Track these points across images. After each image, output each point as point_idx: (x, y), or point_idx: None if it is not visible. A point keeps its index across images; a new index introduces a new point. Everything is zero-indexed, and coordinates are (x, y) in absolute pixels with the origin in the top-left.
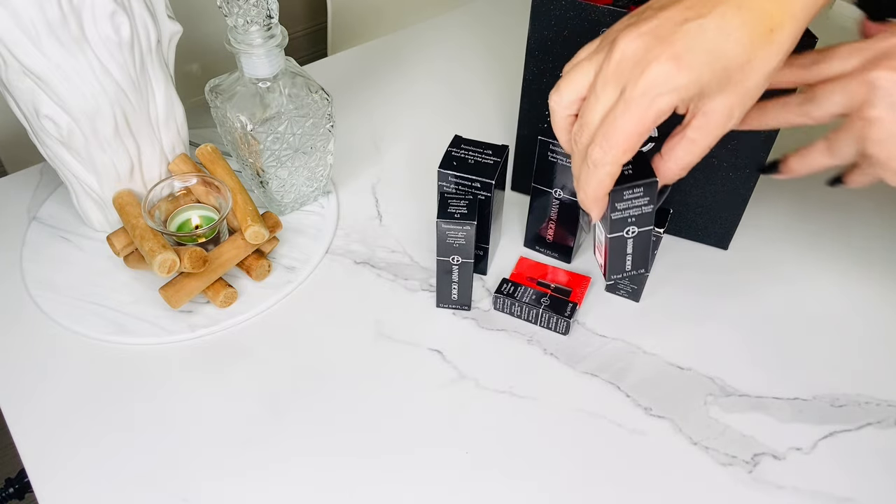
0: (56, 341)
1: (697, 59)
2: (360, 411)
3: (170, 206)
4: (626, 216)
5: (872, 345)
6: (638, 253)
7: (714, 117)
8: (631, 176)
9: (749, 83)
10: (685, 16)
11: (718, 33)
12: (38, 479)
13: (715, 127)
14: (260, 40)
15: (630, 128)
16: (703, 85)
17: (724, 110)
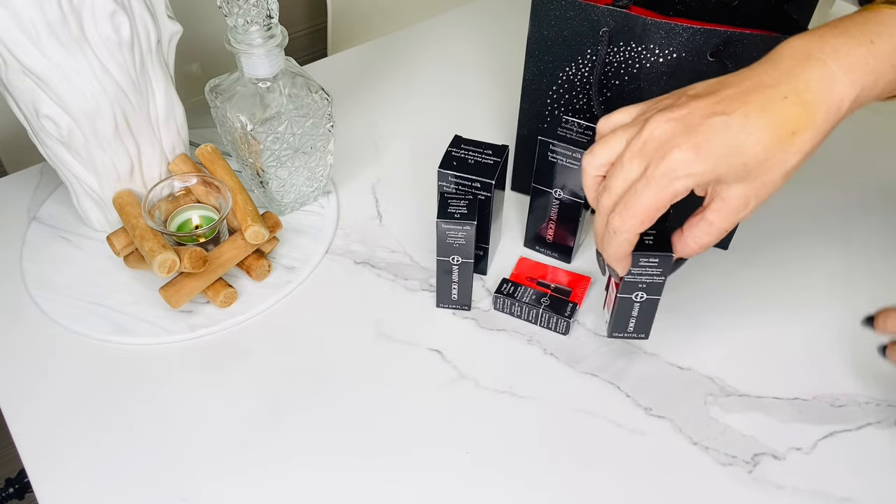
0: (56, 341)
1: (716, 151)
2: (360, 411)
3: (170, 206)
4: (638, 281)
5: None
6: (642, 318)
7: (731, 203)
8: (650, 246)
9: (766, 178)
10: (713, 109)
11: (741, 130)
12: (38, 479)
13: (731, 212)
14: (260, 40)
15: (647, 203)
16: (719, 174)
17: (740, 198)
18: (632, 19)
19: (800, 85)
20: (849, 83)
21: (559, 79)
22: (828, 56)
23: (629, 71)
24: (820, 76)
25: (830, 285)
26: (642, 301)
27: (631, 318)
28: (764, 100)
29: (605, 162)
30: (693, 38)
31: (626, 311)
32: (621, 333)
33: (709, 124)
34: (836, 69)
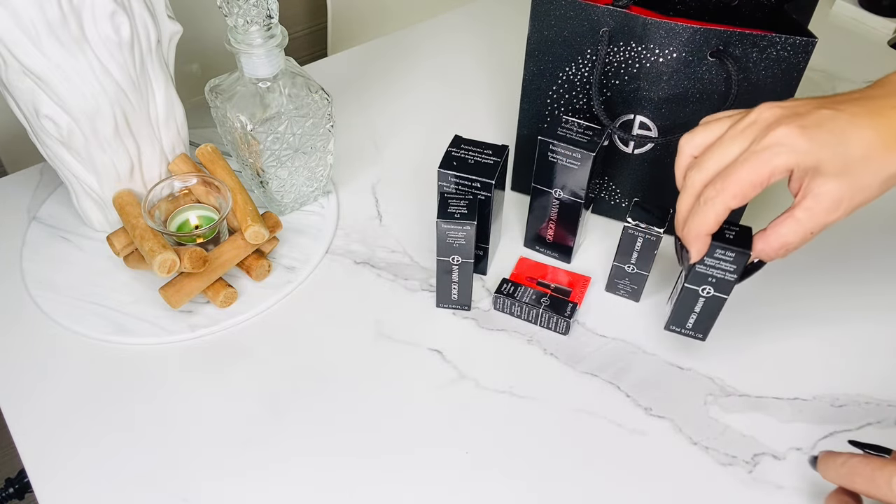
0: (56, 341)
1: (822, 135)
2: (360, 411)
3: (170, 206)
4: (709, 273)
5: (872, 345)
6: (704, 315)
7: (823, 201)
8: (730, 239)
9: (864, 180)
10: (823, 104)
11: (848, 124)
12: (38, 479)
13: (822, 211)
14: (260, 40)
15: (746, 175)
16: (820, 159)
17: (834, 196)
18: (632, 19)
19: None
20: None
21: (559, 79)
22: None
23: (629, 71)
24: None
25: (831, 285)
26: (708, 297)
27: (692, 314)
28: (874, 106)
29: (704, 143)
30: (693, 37)
31: (690, 305)
32: (679, 328)
33: (817, 113)
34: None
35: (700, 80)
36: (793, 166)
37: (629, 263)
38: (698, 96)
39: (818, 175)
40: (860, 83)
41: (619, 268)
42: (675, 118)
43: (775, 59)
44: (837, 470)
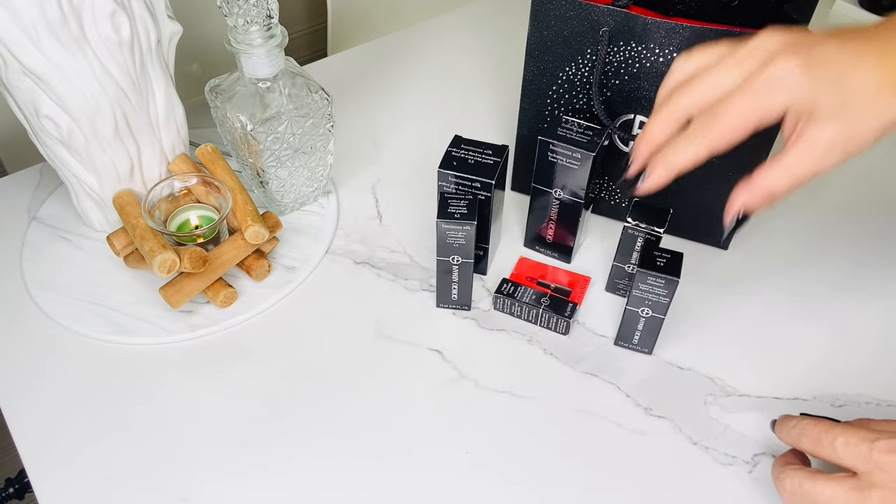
0: (56, 341)
1: (823, 72)
2: (360, 411)
3: (170, 206)
4: (645, 298)
5: (872, 345)
6: (646, 333)
7: (817, 146)
8: (661, 267)
9: (862, 125)
10: (831, 36)
11: (849, 64)
12: (38, 479)
13: (813, 158)
14: (260, 40)
15: (738, 111)
16: (818, 99)
17: (828, 141)
18: (632, 19)
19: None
20: None
21: (559, 79)
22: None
23: (629, 70)
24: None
25: (831, 285)
26: (647, 317)
27: (636, 331)
28: (883, 47)
29: (700, 66)
30: (694, 37)
31: (632, 324)
32: (626, 344)
33: (821, 48)
34: None
35: None
36: (788, 106)
37: (629, 263)
38: None
39: (813, 118)
40: None
41: (619, 268)
42: None
43: None
44: (789, 431)
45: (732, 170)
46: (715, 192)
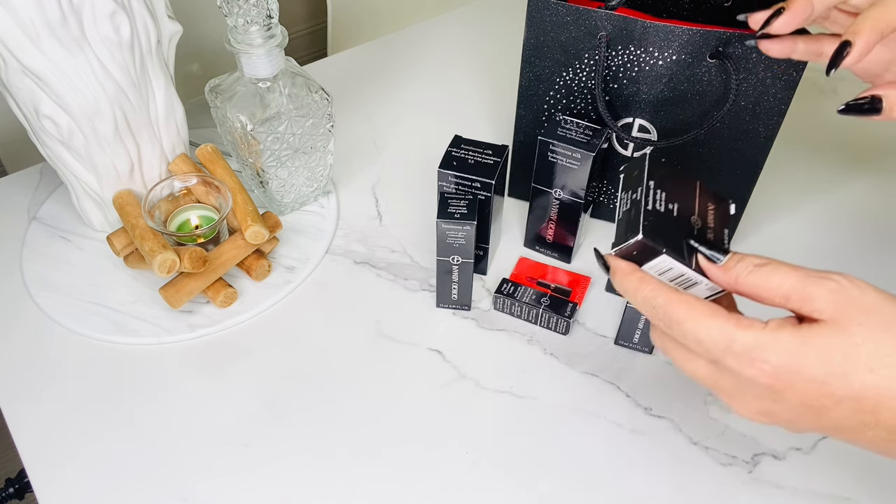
0: (56, 341)
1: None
2: (360, 411)
3: (170, 206)
4: None
5: None
6: (647, 332)
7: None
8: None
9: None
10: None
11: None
12: (38, 479)
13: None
14: (260, 40)
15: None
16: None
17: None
18: (630, 23)
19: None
20: None
21: (556, 84)
22: None
23: (628, 74)
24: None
25: None
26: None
27: (637, 330)
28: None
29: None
30: (692, 39)
31: (633, 322)
32: (627, 343)
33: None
34: None
35: (699, 81)
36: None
37: None
38: (698, 98)
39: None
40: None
41: None
42: (674, 120)
43: (774, 60)
44: (633, 297)
45: (732, 171)
46: None
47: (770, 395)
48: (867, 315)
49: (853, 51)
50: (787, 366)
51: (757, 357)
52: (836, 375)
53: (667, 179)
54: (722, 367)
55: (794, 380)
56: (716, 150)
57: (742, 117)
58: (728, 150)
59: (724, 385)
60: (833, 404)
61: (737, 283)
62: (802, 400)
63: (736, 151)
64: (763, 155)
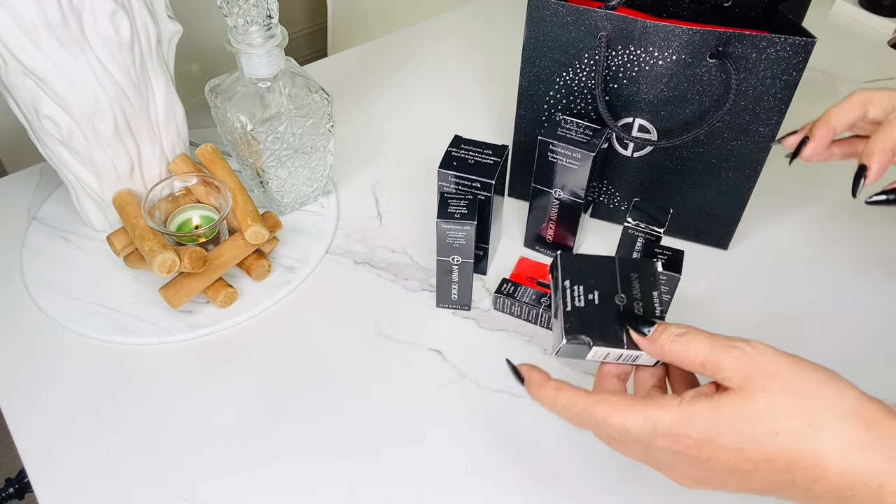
0: (56, 341)
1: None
2: (360, 411)
3: (170, 206)
4: None
5: (873, 345)
6: None
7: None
8: (663, 264)
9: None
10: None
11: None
12: (38, 479)
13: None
14: (260, 40)
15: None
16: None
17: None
18: (630, 23)
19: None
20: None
21: (556, 84)
22: None
23: (628, 74)
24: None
25: (831, 285)
26: None
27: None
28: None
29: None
30: (692, 39)
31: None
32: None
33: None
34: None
35: (699, 81)
36: None
37: None
38: (697, 98)
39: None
40: (860, 83)
41: None
42: (674, 120)
43: (774, 60)
44: (552, 407)
45: (732, 171)
46: (715, 193)
47: (699, 465)
48: (769, 380)
49: (870, 173)
50: (706, 437)
51: (679, 433)
52: (748, 441)
53: (583, 271)
54: (653, 448)
55: (715, 450)
56: (716, 150)
57: (742, 117)
58: (728, 150)
59: (659, 461)
60: (753, 468)
61: (663, 353)
62: (726, 466)
63: (736, 151)
64: (763, 154)
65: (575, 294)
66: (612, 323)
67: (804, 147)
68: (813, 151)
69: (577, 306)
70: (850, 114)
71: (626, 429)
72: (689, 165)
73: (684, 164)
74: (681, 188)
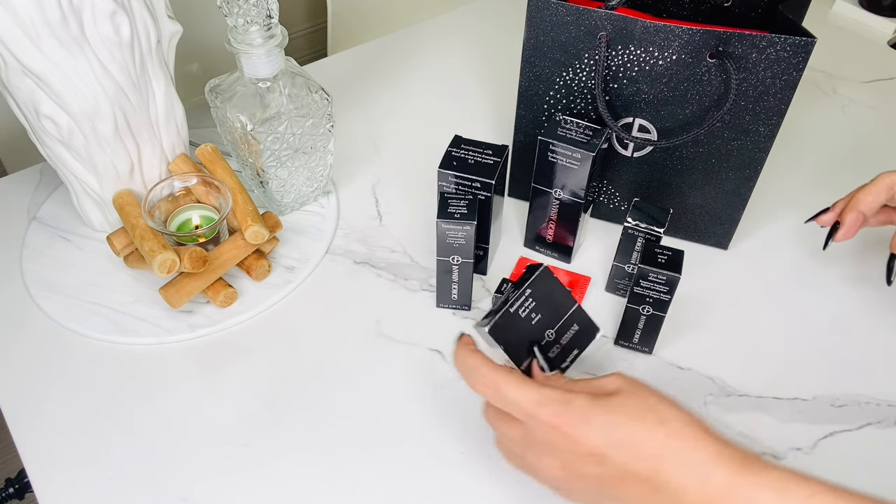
0: (56, 341)
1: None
2: (359, 411)
3: (170, 206)
4: (646, 295)
5: (872, 345)
6: (647, 331)
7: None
8: (663, 264)
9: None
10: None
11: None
12: (38, 479)
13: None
14: (260, 40)
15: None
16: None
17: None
18: (630, 23)
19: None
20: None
21: (556, 84)
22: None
23: (628, 74)
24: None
25: (831, 285)
26: (648, 315)
27: (637, 330)
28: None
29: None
30: (692, 39)
31: (633, 322)
32: (627, 343)
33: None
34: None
35: (699, 81)
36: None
37: (629, 263)
38: (697, 98)
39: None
40: (860, 83)
41: (619, 268)
42: (674, 120)
43: (774, 60)
44: (467, 373)
45: (732, 171)
46: (715, 193)
47: (568, 445)
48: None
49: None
50: (582, 412)
51: (561, 405)
52: (615, 427)
53: (547, 294)
54: (534, 422)
55: (589, 430)
56: (716, 150)
57: (742, 117)
58: (728, 150)
59: (538, 442)
60: (613, 453)
61: None
62: (589, 449)
63: (736, 151)
64: (763, 154)
65: (525, 305)
66: (525, 343)
67: (836, 233)
68: (844, 238)
69: (518, 313)
70: (878, 199)
71: (516, 400)
72: (689, 165)
73: (684, 164)
74: (681, 188)
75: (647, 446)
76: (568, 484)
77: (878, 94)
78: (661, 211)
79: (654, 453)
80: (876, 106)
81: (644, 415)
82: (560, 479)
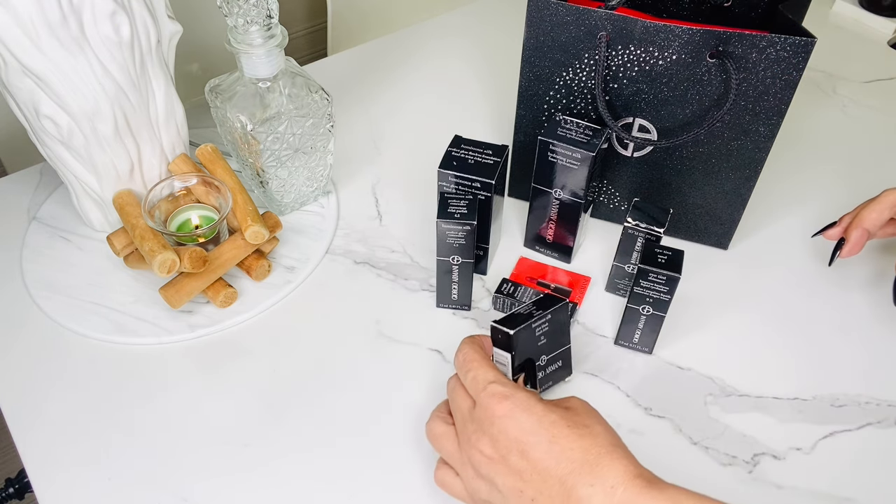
0: (56, 341)
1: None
2: (359, 411)
3: (170, 206)
4: (646, 295)
5: (872, 345)
6: (647, 332)
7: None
8: (663, 264)
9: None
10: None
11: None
12: (38, 479)
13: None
14: (260, 40)
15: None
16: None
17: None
18: (630, 23)
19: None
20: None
21: (556, 84)
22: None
23: (628, 74)
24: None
25: (832, 285)
26: (648, 315)
27: (637, 330)
28: None
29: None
30: (692, 39)
31: (633, 322)
32: (627, 343)
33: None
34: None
35: (699, 81)
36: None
37: (629, 263)
38: (698, 98)
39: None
40: (860, 83)
41: (619, 268)
42: (674, 120)
43: (775, 60)
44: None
45: (732, 171)
46: (715, 193)
47: (495, 432)
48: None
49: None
50: (518, 409)
51: (506, 395)
52: (539, 432)
53: (559, 326)
54: (480, 399)
55: (515, 426)
56: (716, 150)
57: (742, 117)
58: (728, 150)
59: (477, 421)
60: (532, 447)
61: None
62: (513, 438)
63: (736, 151)
64: (763, 154)
65: (541, 326)
66: (524, 359)
67: (841, 249)
68: (849, 254)
69: (534, 329)
70: (882, 216)
71: (476, 376)
72: (689, 165)
73: (684, 164)
74: (681, 188)
75: (569, 448)
76: (493, 470)
77: (878, 94)
78: (661, 211)
79: (573, 457)
80: (876, 106)
81: (579, 426)
82: (487, 464)
